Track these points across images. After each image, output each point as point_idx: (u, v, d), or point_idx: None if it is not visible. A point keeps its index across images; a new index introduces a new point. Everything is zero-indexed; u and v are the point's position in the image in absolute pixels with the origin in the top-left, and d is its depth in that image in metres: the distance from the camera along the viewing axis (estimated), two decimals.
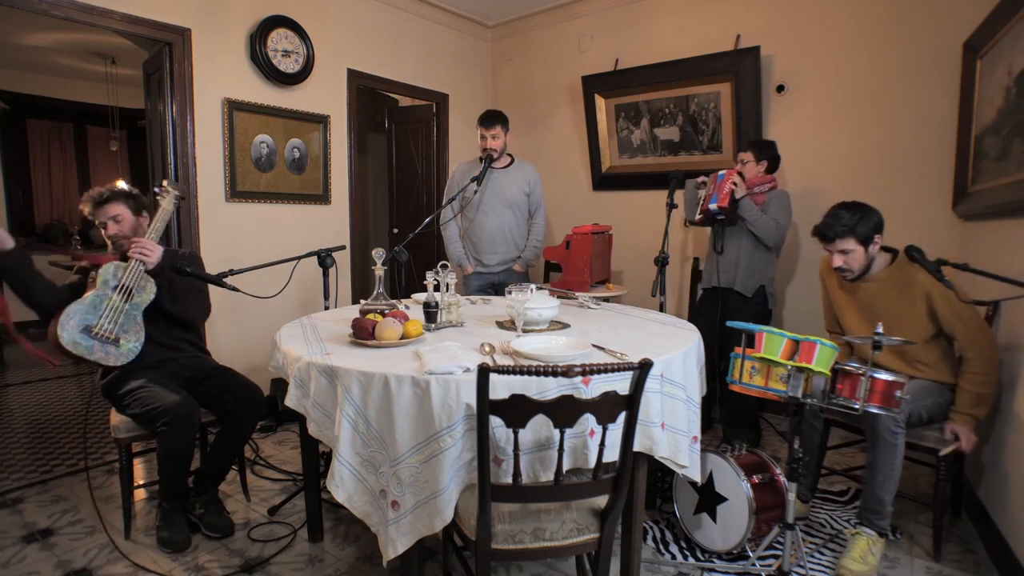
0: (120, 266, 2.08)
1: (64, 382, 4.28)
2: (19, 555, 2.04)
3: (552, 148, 4.53)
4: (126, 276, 2.07)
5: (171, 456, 2.06)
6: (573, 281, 3.43)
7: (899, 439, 1.92)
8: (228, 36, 3.20)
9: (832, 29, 3.17)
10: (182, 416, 2.02)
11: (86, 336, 1.96)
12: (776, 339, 1.73)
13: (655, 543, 2.14)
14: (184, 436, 2.04)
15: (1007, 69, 2.16)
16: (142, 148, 5.86)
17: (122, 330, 2.03)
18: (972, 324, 2.02)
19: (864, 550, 1.92)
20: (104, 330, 2.00)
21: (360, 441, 1.47)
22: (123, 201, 2.22)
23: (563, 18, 4.32)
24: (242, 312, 3.32)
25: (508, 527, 1.41)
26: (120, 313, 2.04)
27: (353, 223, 3.91)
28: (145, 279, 2.11)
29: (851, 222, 2.07)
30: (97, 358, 1.97)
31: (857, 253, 2.10)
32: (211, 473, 2.25)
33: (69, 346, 1.92)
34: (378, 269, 2.18)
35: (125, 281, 2.07)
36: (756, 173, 2.89)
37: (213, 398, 2.22)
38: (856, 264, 2.13)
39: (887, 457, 1.93)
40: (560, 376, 1.27)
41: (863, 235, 2.08)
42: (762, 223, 2.79)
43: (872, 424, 1.95)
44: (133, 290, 2.08)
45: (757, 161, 2.89)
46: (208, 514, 2.19)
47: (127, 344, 2.03)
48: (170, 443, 2.03)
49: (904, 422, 1.94)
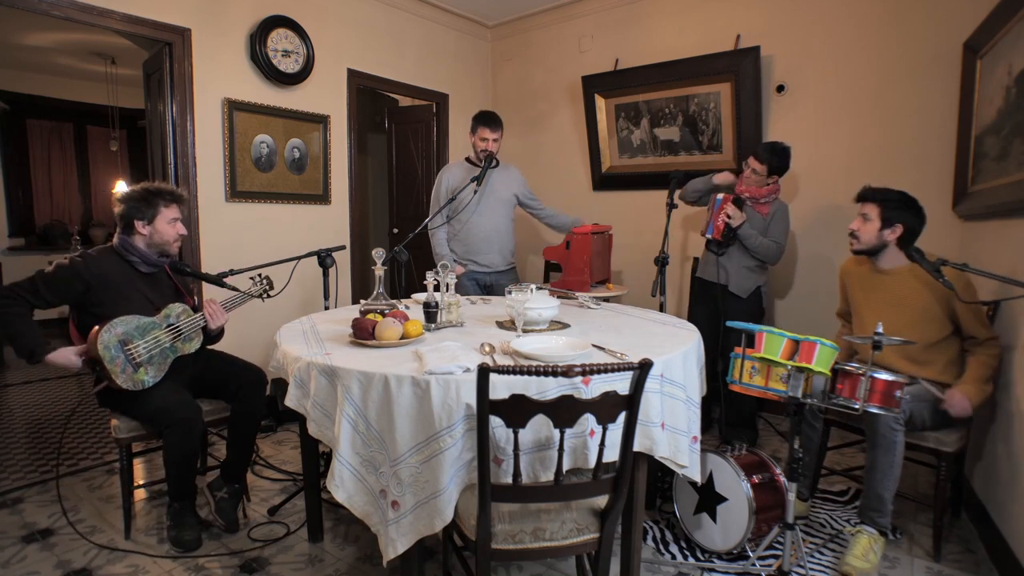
0: (187, 311, 2.15)
1: (64, 382, 4.28)
2: (19, 555, 2.04)
3: (552, 148, 4.53)
4: (186, 322, 2.13)
5: (176, 459, 2.06)
6: (573, 281, 3.43)
7: (898, 436, 1.92)
8: (228, 36, 3.20)
9: (832, 29, 3.17)
10: (186, 418, 2.03)
11: (119, 348, 1.96)
12: (776, 339, 1.73)
13: (655, 543, 2.14)
14: (188, 438, 2.04)
15: (1007, 69, 2.16)
16: (142, 148, 5.87)
17: (149, 362, 2.03)
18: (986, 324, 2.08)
19: (866, 548, 1.92)
20: (137, 352, 2.00)
21: (360, 441, 1.47)
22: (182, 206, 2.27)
23: (563, 18, 4.32)
24: (242, 312, 3.31)
25: (508, 527, 1.41)
26: (159, 347, 2.05)
27: (353, 223, 3.91)
28: (197, 334, 2.17)
29: (890, 197, 2.14)
30: (112, 370, 1.94)
31: (872, 225, 2.15)
32: (235, 461, 2.26)
33: (100, 345, 1.91)
34: (378, 269, 2.18)
35: (182, 325, 2.12)
36: (764, 184, 2.84)
37: (219, 387, 2.25)
38: (865, 235, 2.17)
39: (886, 455, 1.93)
40: (560, 376, 1.27)
41: (888, 215, 2.13)
42: (763, 248, 2.80)
43: (871, 422, 1.95)
44: (183, 336, 2.12)
45: (768, 174, 2.81)
46: (227, 501, 2.20)
47: (144, 375, 2.01)
48: (175, 446, 2.04)
49: (904, 421, 1.94)
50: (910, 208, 2.14)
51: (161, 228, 2.16)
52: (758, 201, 2.85)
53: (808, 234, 3.33)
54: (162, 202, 2.16)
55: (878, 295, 2.25)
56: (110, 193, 6.85)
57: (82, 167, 6.68)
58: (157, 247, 2.18)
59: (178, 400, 2.05)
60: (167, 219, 2.16)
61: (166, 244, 2.18)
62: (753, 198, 2.85)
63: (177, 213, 2.21)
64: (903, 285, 2.17)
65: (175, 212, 2.19)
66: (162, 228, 2.16)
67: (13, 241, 6.02)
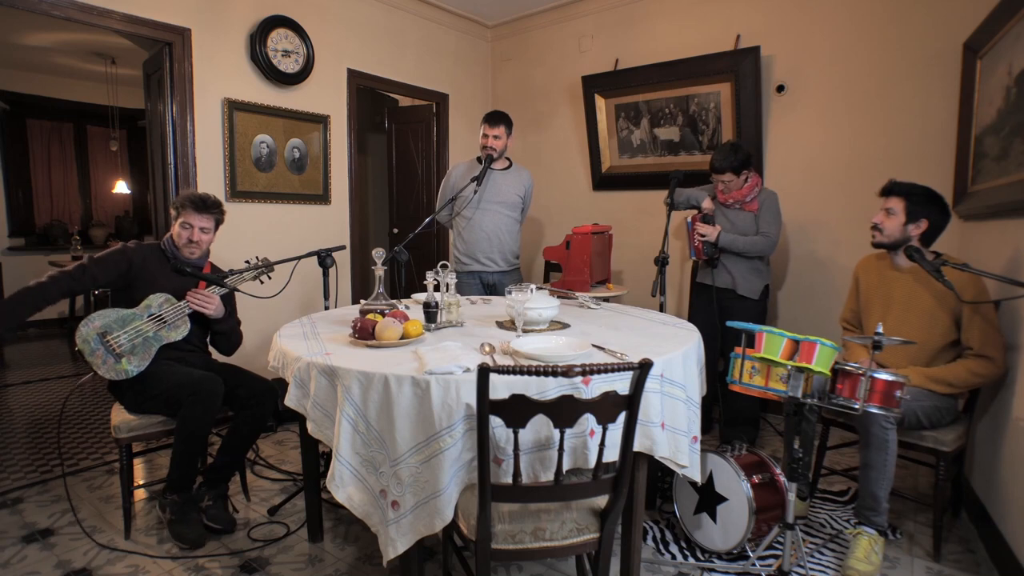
0: (170, 300, 2.20)
1: (64, 382, 4.28)
2: (19, 555, 2.04)
3: (552, 148, 4.53)
4: (168, 310, 2.17)
5: (190, 436, 2.08)
6: (573, 281, 3.43)
7: (890, 435, 1.92)
8: (228, 36, 3.21)
9: (832, 29, 3.17)
10: (208, 389, 2.08)
11: (98, 340, 2.05)
12: (776, 339, 1.73)
13: (655, 543, 2.14)
14: (207, 411, 2.08)
15: (1007, 69, 2.16)
16: (142, 148, 5.88)
17: (131, 352, 2.08)
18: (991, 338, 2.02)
19: (867, 550, 1.92)
20: (117, 343, 2.07)
21: (360, 441, 1.47)
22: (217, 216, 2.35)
23: (563, 18, 4.32)
24: (242, 312, 3.31)
25: (508, 527, 1.41)
26: (141, 337, 2.11)
27: (353, 223, 3.91)
28: (183, 321, 2.21)
29: (916, 191, 2.10)
30: (92, 361, 2.03)
31: (896, 220, 2.12)
32: (223, 467, 2.26)
33: (79, 338, 2.02)
34: (378, 269, 2.18)
35: (165, 314, 2.17)
36: (740, 186, 2.85)
37: (227, 393, 2.24)
38: (889, 228, 2.14)
39: (879, 454, 1.92)
40: (560, 376, 1.27)
41: (913, 209, 2.10)
42: (751, 246, 2.80)
43: (863, 421, 1.94)
44: (167, 325, 2.17)
45: (738, 175, 2.81)
46: (215, 507, 2.21)
47: (127, 365, 2.07)
48: (194, 418, 2.06)
49: (895, 419, 1.93)
50: (936, 203, 2.11)
51: (175, 231, 2.31)
52: (745, 201, 2.85)
53: (807, 234, 3.33)
54: (183, 206, 2.29)
55: (890, 292, 2.23)
56: (110, 193, 6.86)
57: (82, 167, 6.68)
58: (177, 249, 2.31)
59: (202, 375, 2.13)
60: (180, 222, 2.29)
61: (179, 246, 2.29)
62: (739, 201, 2.85)
63: (193, 220, 2.28)
64: (916, 284, 2.16)
65: (191, 218, 2.28)
66: (175, 231, 2.30)
67: (13, 241, 6.02)
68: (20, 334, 5.64)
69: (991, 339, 2.01)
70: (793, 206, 3.25)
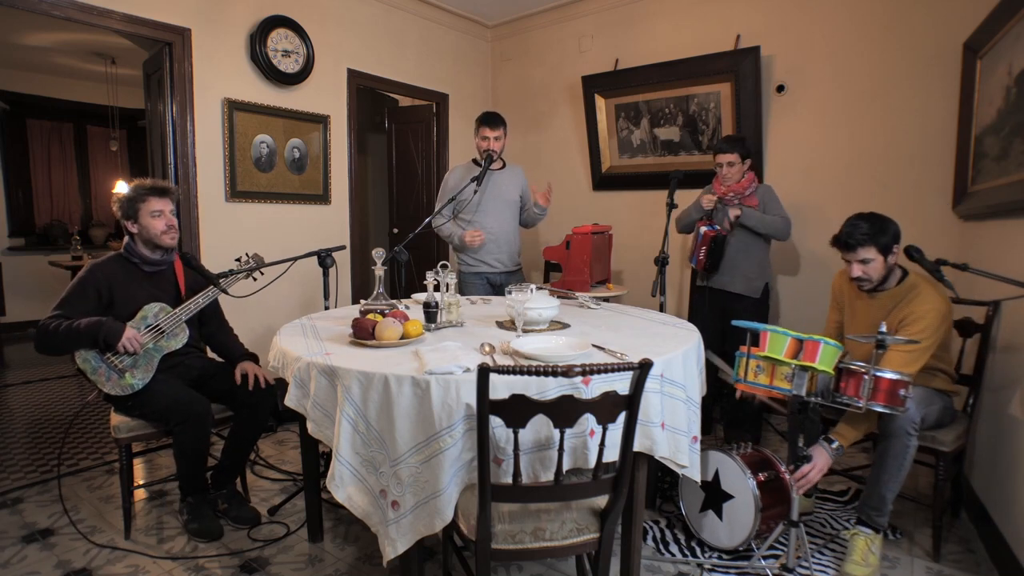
0: (165, 309, 2.14)
1: (64, 382, 4.28)
2: (19, 555, 2.04)
3: (552, 148, 4.53)
4: (165, 320, 2.13)
5: (187, 453, 2.10)
6: (573, 281, 3.43)
7: (912, 441, 1.90)
8: (228, 36, 3.20)
9: (832, 29, 3.17)
10: (196, 413, 2.07)
11: (99, 359, 2.02)
12: (780, 338, 1.74)
13: (655, 543, 2.14)
14: (199, 433, 2.08)
15: (1007, 69, 2.16)
16: (142, 148, 5.86)
17: (134, 366, 2.06)
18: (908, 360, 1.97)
19: (864, 551, 1.92)
20: (118, 360, 2.04)
21: (360, 441, 1.47)
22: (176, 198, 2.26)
23: (563, 18, 4.32)
24: (242, 312, 3.31)
25: (508, 527, 1.41)
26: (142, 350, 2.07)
27: (353, 223, 3.91)
28: (181, 328, 2.17)
29: (871, 231, 2.03)
30: (96, 380, 2.02)
31: (877, 263, 2.07)
32: (229, 467, 2.28)
33: (79, 359, 2.00)
34: (378, 269, 2.18)
35: (162, 324, 2.12)
36: (743, 173, 2.86)
37: (226, 392, 2.24)
38: (875, 273, 2.09)
39: (898, 457, 1.91)
40: (560, 376, 1.27)
41: (883, 244, 2.04)
42: (772, 226, 2.79)
43: (887, 423, 1.91)
44: (166, 334, 2.13)
45: (743, 160, 2.83)
46: (232, 508, 2.24)
47: (131, 379, 2.05)
48: (186, 441, 2.07)
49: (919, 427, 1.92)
50: (889, 223, 2.07)
51: (146, 222, 2.13)
52: (743, 195, 2.85)
53: (808, 234, 3.33)
54: (142, 197, 2.13)
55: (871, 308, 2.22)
56: (110, 193, 6.85)
57: (82, 167, 6.68)
58: (149, 243, 2.16)
59: (189, 396, 2.09)
60: (149, 212, 2.13)
61: (155, 237, 2.15)
62: (738, 194, 2.85)
63: (161, 205, 2.14)
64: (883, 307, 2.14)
65: (157, 204, 2.14)
66: (147, 222, 2.13)
67: (13, 241, 6.02)
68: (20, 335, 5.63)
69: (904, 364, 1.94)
70: (793, 206, 3.24)
